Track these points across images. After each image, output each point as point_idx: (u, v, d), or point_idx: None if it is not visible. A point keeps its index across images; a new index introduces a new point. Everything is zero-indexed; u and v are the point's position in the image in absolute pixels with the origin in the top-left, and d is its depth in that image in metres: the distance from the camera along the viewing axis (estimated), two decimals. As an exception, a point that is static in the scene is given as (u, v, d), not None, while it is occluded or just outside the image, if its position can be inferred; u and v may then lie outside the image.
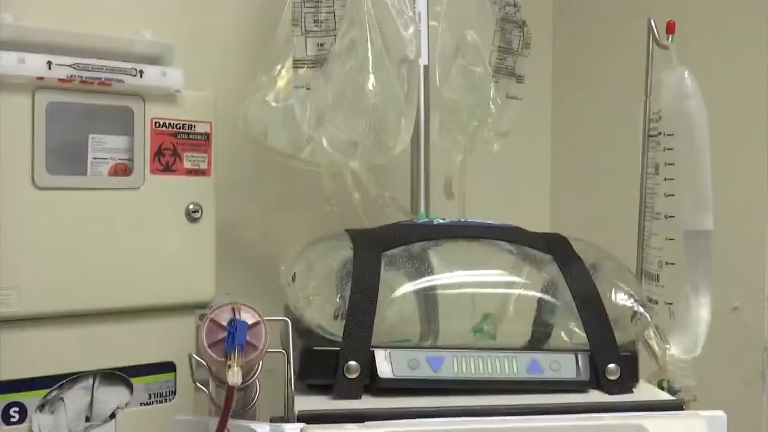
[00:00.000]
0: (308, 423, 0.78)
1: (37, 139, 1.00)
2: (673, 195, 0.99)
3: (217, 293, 1.13)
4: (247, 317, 0.78)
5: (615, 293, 0.94)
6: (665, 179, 1.00)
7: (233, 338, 0.76)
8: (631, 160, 1.07)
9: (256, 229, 1.40)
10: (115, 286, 1.06)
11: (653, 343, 1.01)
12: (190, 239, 1.11)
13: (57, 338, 1.04)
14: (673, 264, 0.99)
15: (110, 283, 1.06)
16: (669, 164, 0.99)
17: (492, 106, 1.18)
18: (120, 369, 1.09)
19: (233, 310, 0.78)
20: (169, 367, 1.12)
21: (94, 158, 1.06)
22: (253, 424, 0.80)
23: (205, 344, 0.77)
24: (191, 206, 1.11)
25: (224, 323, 0.77)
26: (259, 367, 0.83)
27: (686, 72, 0.99)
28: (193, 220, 1.11)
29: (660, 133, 1.01)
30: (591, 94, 1.60)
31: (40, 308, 1.02)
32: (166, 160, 1.09)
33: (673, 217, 0.99)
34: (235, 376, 0.75)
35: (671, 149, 0.99)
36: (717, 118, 1.00)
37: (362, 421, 0.78)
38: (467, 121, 1.19)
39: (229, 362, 0.75)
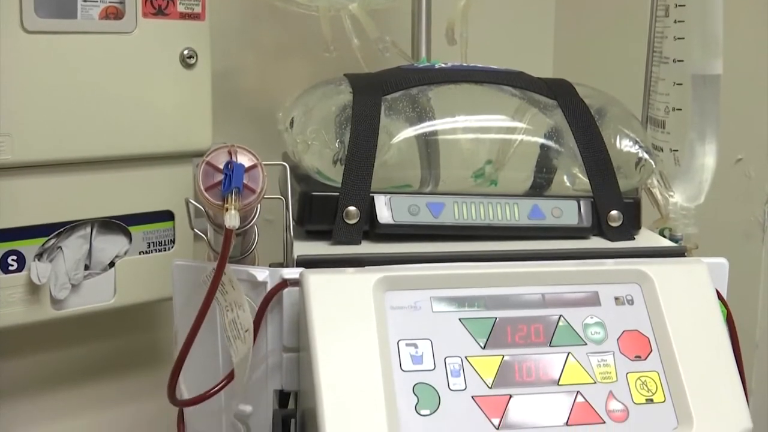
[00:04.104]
0: (307, 267, 0.77)
1: (23, -21, 0.97)
2: (683, 38, 0.96)
3: (214, 143, 1.11)
4: (244, 160, 0.76)
5: (619, 139, 0.93)
6: (675, 21, 0.96)
7: (230, 181, 0.75)
8: (639, 2, 1.04)
9: (253, 77, 1.38)
10: (110, 134, 1.05)
11: (656, 191, 1.01)
12: (185, 86, 1.09)
13: (53, 186, 1.03)
14: (680, 110, 0.97)
15: (104, 130, 1.04)
16: (680, 5, 0.96)
17: (497, -53, 1.14)
18: (118, 218, 1.09)
19: (230, 152, 0.77)
20: (167, 215, 1.12)
21: (84, 1, 1.03)
22: (252, 269, 0.80)
23: (202, 187, 0.75)
24: (186, 51, 1.08)
25: (221, 166, 0.76)
26: (257, 211, 0.82)
27: None
28: (188, 66, 1.08)
29: (671, -27, 0.97)
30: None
31: (34, 156, 1.01)
32: (158, 3, 1.05)
33: (682, 61, 0.96)
34: (232, 219, 0.73)
35: (683, -11, 0.96)
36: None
37: (361, 266, 0.77)
38: (471, -37, 1.15)
39: (226, 205, 0.74)
